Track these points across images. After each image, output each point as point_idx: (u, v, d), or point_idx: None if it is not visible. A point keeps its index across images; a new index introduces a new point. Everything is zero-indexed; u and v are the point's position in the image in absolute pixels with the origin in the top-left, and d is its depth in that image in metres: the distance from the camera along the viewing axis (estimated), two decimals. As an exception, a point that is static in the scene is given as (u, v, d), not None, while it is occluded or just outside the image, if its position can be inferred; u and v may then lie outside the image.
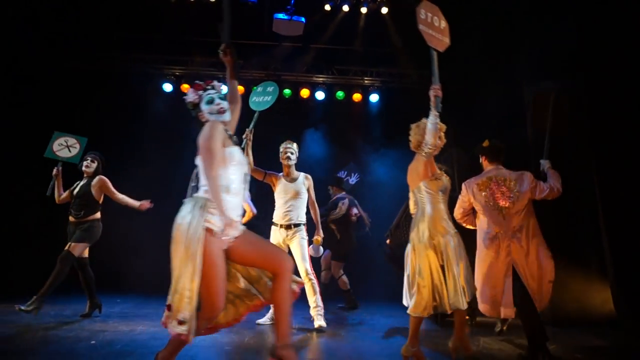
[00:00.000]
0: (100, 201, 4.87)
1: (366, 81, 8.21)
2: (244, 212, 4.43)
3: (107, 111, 7.46)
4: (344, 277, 5.86)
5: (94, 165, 4.94)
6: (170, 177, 7.57)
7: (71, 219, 4.76)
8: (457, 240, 3.07)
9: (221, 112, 2.62)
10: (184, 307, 2.24)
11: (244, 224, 2.56)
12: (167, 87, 7.91)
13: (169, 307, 2.29)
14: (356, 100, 8.14)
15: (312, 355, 3.47)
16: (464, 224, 3.81)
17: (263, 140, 5.05)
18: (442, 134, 3.21)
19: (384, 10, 7.48)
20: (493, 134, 3.92)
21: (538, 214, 3.61)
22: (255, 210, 5.14)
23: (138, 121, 7.58)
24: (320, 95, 8.09)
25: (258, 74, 8.11)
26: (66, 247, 4.56)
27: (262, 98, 4.73)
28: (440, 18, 3.30)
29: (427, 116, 3.17)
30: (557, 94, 4.07)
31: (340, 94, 8.12)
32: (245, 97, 7.91)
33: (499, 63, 6.72)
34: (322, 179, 7.32)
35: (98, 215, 4.83)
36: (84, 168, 4.92)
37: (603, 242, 4.90)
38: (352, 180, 6.78)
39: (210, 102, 2.63)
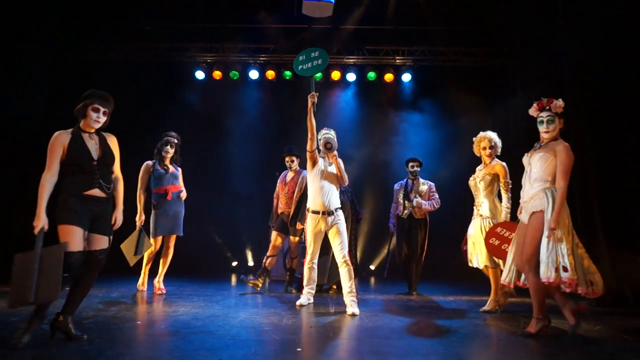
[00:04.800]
0: None
1: (398, 60, 8.06)
2: None
3: (141, 101, 7.66)
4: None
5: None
6: (205, 162, 7.78)
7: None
8: None
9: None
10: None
11: None
12: (200, 75, 8.03)
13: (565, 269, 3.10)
14: (388, 81, 8.02)
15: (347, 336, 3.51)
16: None
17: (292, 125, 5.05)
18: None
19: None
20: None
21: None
22: None
23: (172, 109, 7.74)
24: (351, 76, 8.01)
25: (288, 58, 8.09)
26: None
27: (311, 64, 4.54)
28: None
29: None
30: None
31: (371, 75, 8.01)
32: (276, 82, 8.03)
33: (537, 35, 6.45)
34: (358, 161, 7.28)
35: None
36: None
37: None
38: None
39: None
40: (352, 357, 2.80)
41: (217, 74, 7.99)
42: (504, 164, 4.43)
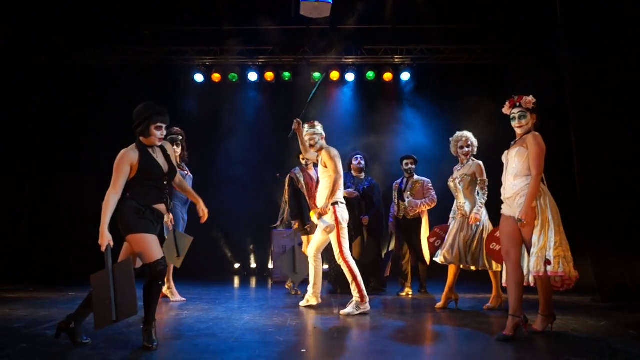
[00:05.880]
0: None
1: (396, 60, 8.05)
2: None
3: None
4: None
5: None
6: (206, 164, 7.77)
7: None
8: None
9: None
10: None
11: None
12: (199, 78, 8.02)
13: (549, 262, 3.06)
14: (387, 80, 8.01)
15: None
16: None
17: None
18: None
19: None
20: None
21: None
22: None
23: (171, 113, 7.70)
24: (350, 76, 8.01)
25: (287, 59, 8.09)
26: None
27: (315, 88, 4.64)
28: None
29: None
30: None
31: (370, 75, 8.01)
32: (276, 84, 8.03)
33: (535, 33, 6.45)
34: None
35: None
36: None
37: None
38: None
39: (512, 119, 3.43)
40: (357, 357, 2.80)
41: (216, 77, 7.99)
42: (481, 162, 4.53)
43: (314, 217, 4.39)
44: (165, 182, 3.06)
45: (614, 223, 4.79)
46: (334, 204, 4.28)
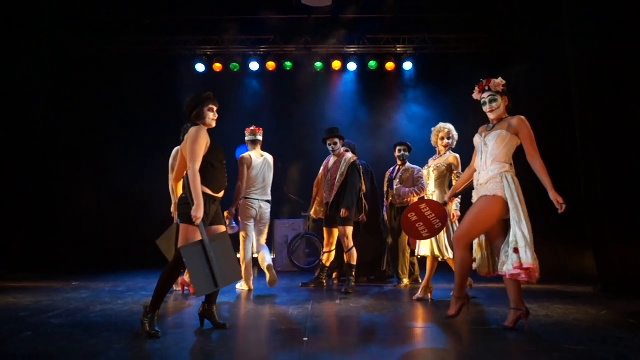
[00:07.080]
0: None
1: (399, 49, 8.00)
2: None
3: (142, 96, 7.64)
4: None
5: None
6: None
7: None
8: None
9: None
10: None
11: None
12: (200, 68, 7.99)
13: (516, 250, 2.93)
14: (389, 69, 7.96)
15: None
16: None
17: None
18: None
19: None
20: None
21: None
22: None
23: (173, 103, 7.72)
24: (352, 66, 7.97)
25: (289, 49, 8.05)
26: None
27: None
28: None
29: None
30: None
31: (372, 64, 7.96)
32: (278, 73, 7.98)
33: (539, 21, 6.38)
34: (360, 151, 7.23)
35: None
36: None
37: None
38: None
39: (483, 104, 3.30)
40: (359, 346, 2.82)
41: (217, 67, 7.95)
42: (458, 155, 4.53)
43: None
44: (226, 168, 3.17)
45: (617, 213, 4.78)
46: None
